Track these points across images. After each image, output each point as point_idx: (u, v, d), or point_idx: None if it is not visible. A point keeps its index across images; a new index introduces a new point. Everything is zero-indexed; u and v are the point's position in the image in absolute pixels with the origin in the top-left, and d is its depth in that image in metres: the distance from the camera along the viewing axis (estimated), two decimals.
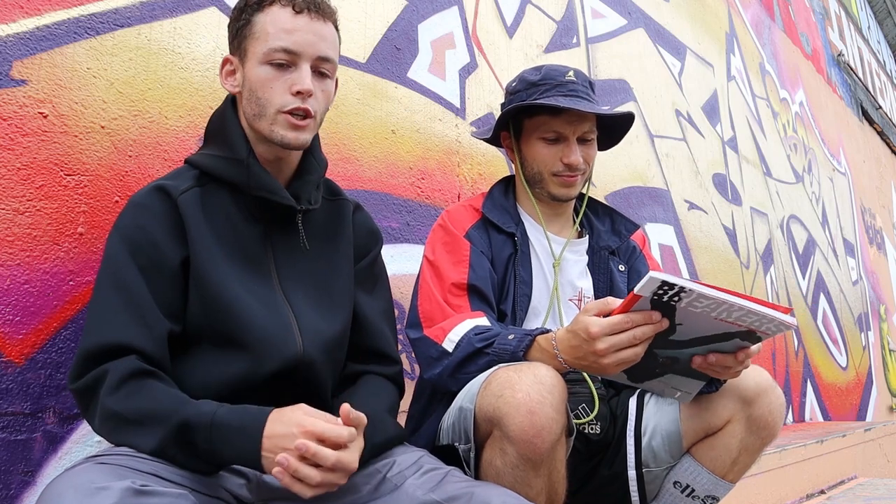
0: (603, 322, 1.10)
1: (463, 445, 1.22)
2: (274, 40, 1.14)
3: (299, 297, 1.19)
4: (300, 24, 1.15)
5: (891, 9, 9.14)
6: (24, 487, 1.23)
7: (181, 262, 1.11)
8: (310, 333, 1.17)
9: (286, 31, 1.14)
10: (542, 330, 1.26)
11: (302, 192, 1.22)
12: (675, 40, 3.98)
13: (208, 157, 1.20)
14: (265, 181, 1.17)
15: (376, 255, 1.36)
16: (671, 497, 1.42)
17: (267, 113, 1.15)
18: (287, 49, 1.14)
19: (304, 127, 1.17)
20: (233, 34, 1.20)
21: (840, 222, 6.07)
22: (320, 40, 1.17)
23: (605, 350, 1.10)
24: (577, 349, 1.15)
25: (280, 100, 1.14)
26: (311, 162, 1.26)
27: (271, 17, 1.15)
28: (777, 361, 4.31)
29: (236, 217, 1.17)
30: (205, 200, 1.16)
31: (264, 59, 1.14)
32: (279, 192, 1.18)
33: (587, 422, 1.44)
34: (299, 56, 1.15)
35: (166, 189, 1.13)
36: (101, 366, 1.02)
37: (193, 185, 1.16)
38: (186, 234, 1.12)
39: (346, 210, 1.32)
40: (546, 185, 1.54)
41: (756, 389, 1.33)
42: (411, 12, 2.29)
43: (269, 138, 1.17)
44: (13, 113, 1.29)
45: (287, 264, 1.21)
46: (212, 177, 1.18)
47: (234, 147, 1.18)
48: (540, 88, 1.50)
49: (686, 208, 3.71)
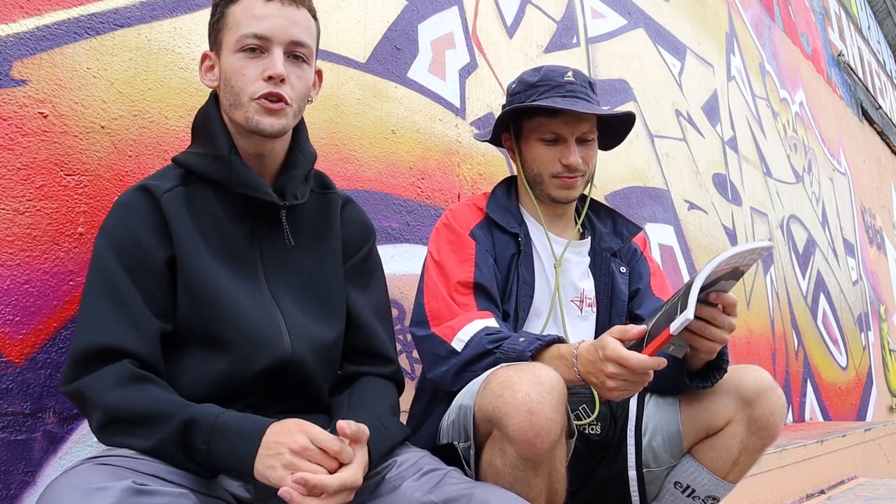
0: (620, 352, 1.12)
1: (462, 444, 1.22)
2: (245, 27, 1.14)
3: (286, 296, 1.19)
4: (271, 10, 1.15)
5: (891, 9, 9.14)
6: (24, 487, 1.23)
7: (167, 261, 1.11)
8: (298, 332, 1.16)
9: (256, 18, 1.14)
10: (558, 337, 1.27)
11: (287, 187, 1.20)
12: (675, 40, 3.97)
13: (192, 156, 1.19)
14: (247, 177, 1.16)
15: (369, 249, 1.34)
16: (671, 497, 1.42)
17: (241, 101, 1.14)
18: (257, 34, 1.13)
19: (279, 111, 1.15)
20: (210, 29, 1.21)
21: (840, 222, 6.07)
22: (292, 24, 1.16)
23: (612, 374, 1.13)
24: (591, 363, 1.17)
25: (252, 86, 1.13)
26: (298, 156, 1.24)
27: (242, 7, 1.15)
28: (777, 361, 4.31)
29: (221, 215, 1.17)
30: (189, 199, 1.15)
31: (236, 46, 1.14)
32: (261, 188, 1.16)
33: (588, 423, 1.44)
34: (270, 41, 1.14)
35: (149, 188, 1.13)
36: (94, 371, 1.01)
37: (178, 183, 1.16)
38: (171, 234, 1.11)
39: (335, 204, 1.30)
40: (546, 187, 1.53)
41: (756, 390, 1.33)
42: (411, 12, 2.29)
43: (246, 126, 1.15)
44: (13, 113, 1.28)
45: (274, 262, 1.20)
46: (196, 175, 1.17)
47: (217, 144, 1.17)
48: (539, 90, 1.50)
49: (686, 208, 3.71)
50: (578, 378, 1.20)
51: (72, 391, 1.02)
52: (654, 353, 1.11)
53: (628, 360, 1.10)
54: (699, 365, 1.33)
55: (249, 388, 1.12)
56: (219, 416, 0.99)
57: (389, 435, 1.12)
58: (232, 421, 0.99)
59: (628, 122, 1.58)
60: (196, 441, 0.97)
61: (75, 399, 1.04)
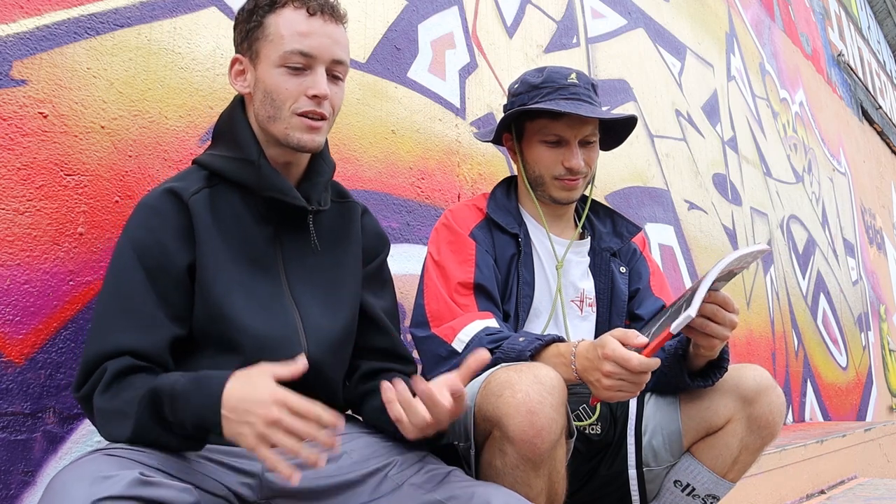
0: (621, 351, 1.11)
1: (463, 444, 1.22)
2: (290, 43, 1.13)
3: (308, 299, 1.19)
4: (315, 27, 1.14)
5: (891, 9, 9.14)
6: (24, 487, 1.23)
7: (188, 266, 1.11)
8: (316, 334, 1.16)
9: (301, 34, 1.13)
10: (557, 337, 1.27)
11: (312, 194, 1.21)
12: (675, 40, 3.98)
13: (218, 158, 1.19)
14: (276, 182, 1.16)
15: (384, 258, 1.36)
16: (672, 496, 1.42)
17: (282, 115, 1.15)
18: (303, 52, 1.13)
19: (319, 129, 1.17)
20: (242, 35, 1.19)
21: (840, 222, 6.07)
22: (334, 43, 1.16)
23: (609, 373, 1.12)
24: (589, 362, 1.17)
25: (295, 103, 1.14)
26: (320, 164, 1.25)
27: (284, 20, 1.14)
28: (777, 361, 4.31)
29: (246, 218, 1.17)
30: (214, 202, 1.15)
31: (280, 62, 1.14)
32: (290, 192, 1.17)
33: (588, 424, 1.44)
34: (315, 59, 1.14)
35: (177, 191, 1.13)
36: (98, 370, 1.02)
37: (203, 185, 1.16)
38: (195, 238, 1.11)
39: (355, 212, 1.32)
40: (547, 189, 1.53)
41: (756, 389, 1.34)
42: (411, 12, 2.29)
43: (285, 141, 1.16)
44: (13, 113, 1.28)
45: (296, 266, 1.20)
46: (221, 177, 1.17)
47: (245, 148, 1.17)
48: (541, 91, 1.50)
49: (686, 208, 3.71)
50: (576, 377, 1.20)
51: (82, 396, 1.03)
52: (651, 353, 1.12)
53: (629, 360, 1.10)
54: (701, 364, 1.34)
55: None
56: (175, 381, 0.96)
57: None
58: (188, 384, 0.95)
59: (630, 124, 1.59)
60: (165, 413, 0.95)
61: (84, 403, 1.04)
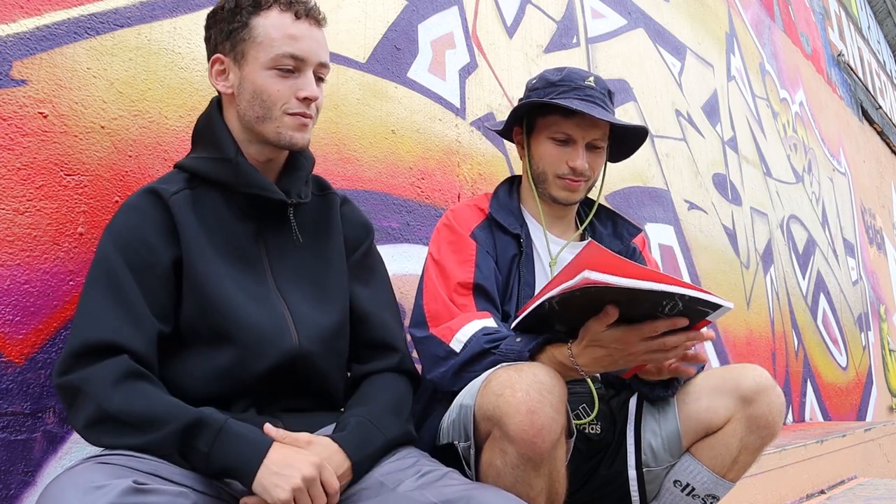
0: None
1: (463, 443, 1.22)
2: (281, 46, 1.16)
3: (294, 292, 1.21)
4: (303, 31, 1.18)
5: (891, 9, 9.14)
6: (24, 487, 1.23)
7: (173, 263, 1.12)
8: (305, 326, 1.18)
9: (292, 38, 1.16)
10: (554, 336, 1.25)
11: (291, 188, 1.24)
12: (675, 40, 3.98)
13: (196, 160, 1.22)
14: (255, 178, 1.19)
15: (368, 246, 1.37)
16: (671, 496, 1.42)
17: (273, 115, 1.18)
18: (294, 55, 1.17)
19: (307, 128, 1.21)
20: (223, 35, 1.20)
21: (840, 222, 6.07)
22: (320, 47, 1.21)
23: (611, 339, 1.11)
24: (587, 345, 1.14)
25: (286, 104, 1.18)
26: (299, 158, 1.28)
27: (272, 22, 1.17)
28: (777, 361, 4.31)
29: (228, 216, 1.19)
30: (196, 201, 1.18)
31: (271, 64, 1.16)
32: (269, 187, 1.20)
33: (588, 422, 1.44)
34: (305, 62, 1.18)
35: (157, 191, 1.15)
36: (92, 364, 1.01)
37: (184, 187, 1.18)
38: (179, 235, 1.13)
39: (334, 203, 1.34)
40: (549, 186, 1.54)
41: (756, 388, 1.34)
42: (411, 12, 2.29)
43: (276, 140, 1.19)
44: (13, 113, 1.29)
45: (280, 260, 1.22)
46: (201, 178, 1.20)
47: (222, 147, 1.20)
48: (558, 88, 1.51)
49: (686, 208, 3.71)
50: (577, 369, 1.18)
51: (65, 383, 1.02)
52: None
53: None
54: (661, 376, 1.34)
55: (254, 385, 1.13)
56: (227, 420, 1.01)
57: (381, 434, 1.12)
58: (240, 427, 1.01)
59: (639, 137, 1.59)
60: (198, 443, 0.98)
61: (67, 391, 1.02)
